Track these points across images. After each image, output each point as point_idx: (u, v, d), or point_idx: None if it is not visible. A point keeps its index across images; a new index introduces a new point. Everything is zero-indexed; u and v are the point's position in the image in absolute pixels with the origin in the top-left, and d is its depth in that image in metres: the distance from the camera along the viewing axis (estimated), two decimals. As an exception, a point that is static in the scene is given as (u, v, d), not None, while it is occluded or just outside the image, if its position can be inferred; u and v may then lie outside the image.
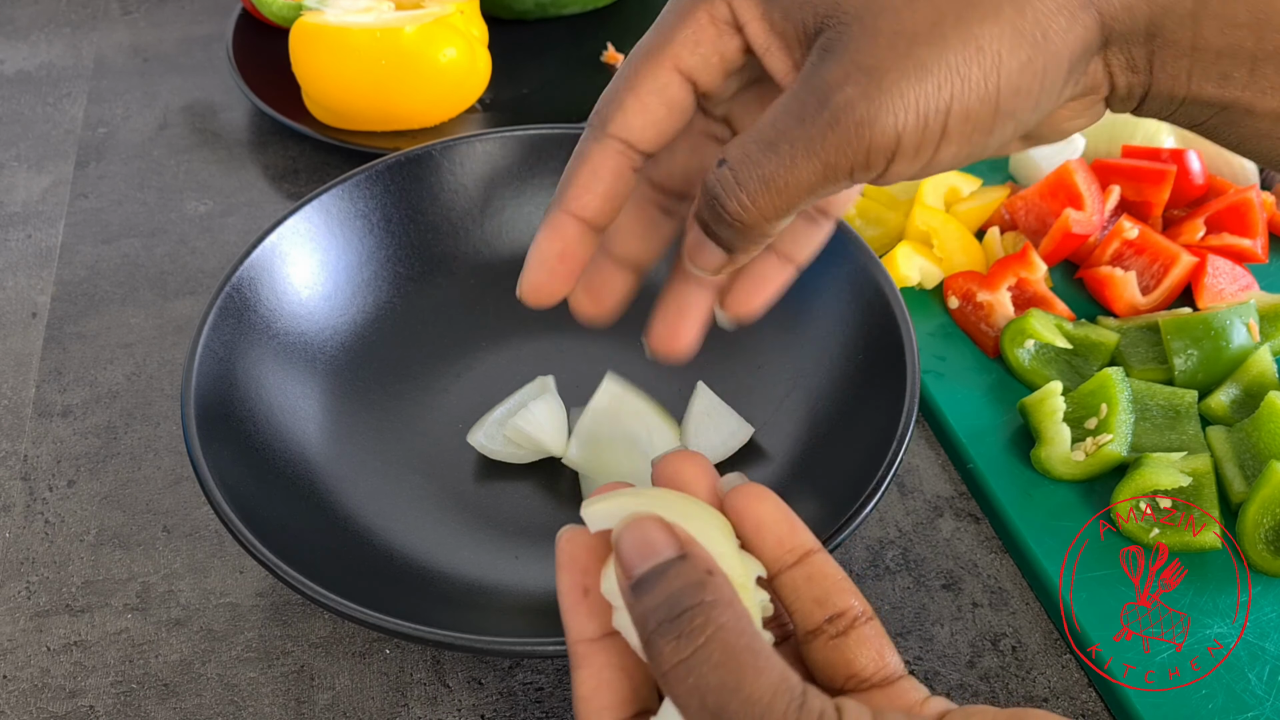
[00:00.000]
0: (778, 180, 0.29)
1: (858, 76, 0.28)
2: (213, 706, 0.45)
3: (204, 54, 0.80)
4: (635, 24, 0.79)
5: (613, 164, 0.33)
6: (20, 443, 0.55)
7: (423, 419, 0.53)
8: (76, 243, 0.65)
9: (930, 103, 0.28)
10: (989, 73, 0.28)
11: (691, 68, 0.32)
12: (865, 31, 0.28)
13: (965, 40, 0.28)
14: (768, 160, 0.29)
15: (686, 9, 0.32)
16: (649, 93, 0.32)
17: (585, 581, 0.32)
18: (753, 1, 0.31)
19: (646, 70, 0.32)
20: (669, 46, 0.32)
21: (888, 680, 0.31)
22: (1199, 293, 0.58)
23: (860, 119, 0.28)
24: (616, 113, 0.33)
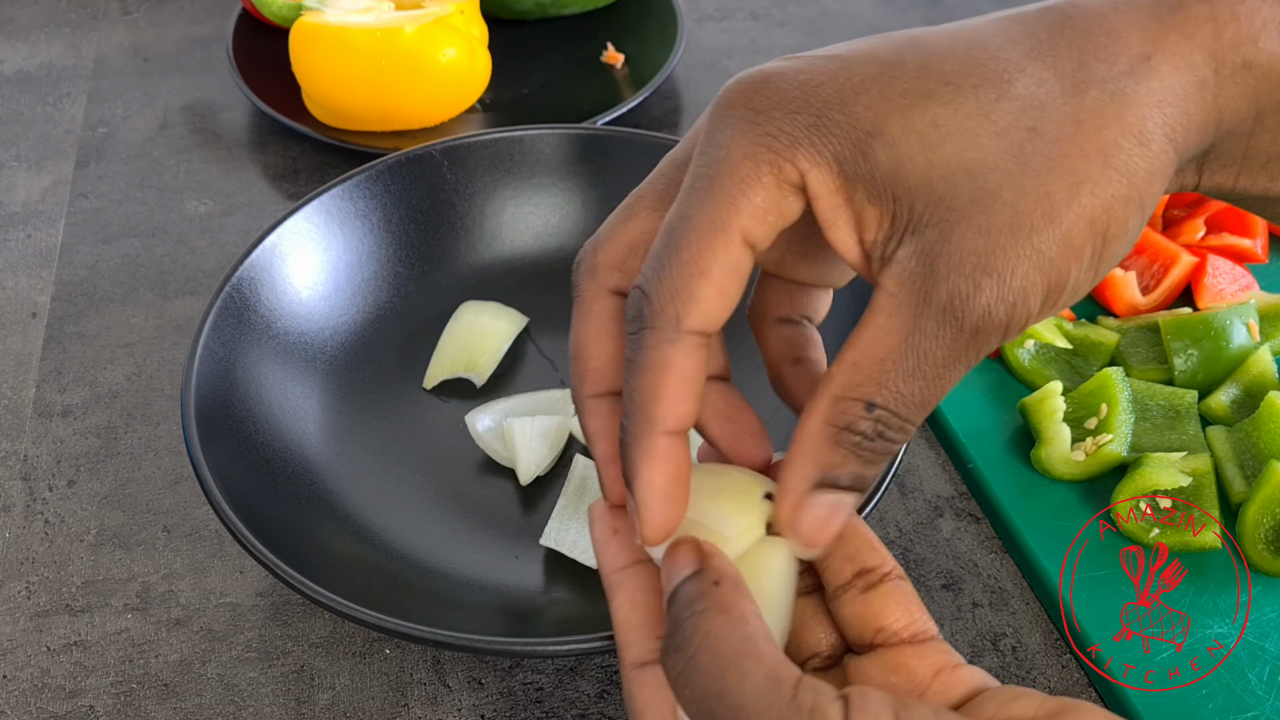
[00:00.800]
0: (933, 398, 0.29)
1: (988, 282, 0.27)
2: (213, 706, 0.45)
3: (204, 54, 0.80)
4: (635, 24, 0.79)
5: (696, 361, 0.29)
6: (20, 443, 0.55)
7: (423, 419, 0.53)
8: (76, 243, 0.65)
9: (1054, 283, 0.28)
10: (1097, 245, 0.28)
11: (757, 238, 0.29)
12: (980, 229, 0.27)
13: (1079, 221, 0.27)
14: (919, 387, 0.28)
15: (749, 174, 0.28)
16: (722, 273, 0.28)
17: (615, 525, 0.32)
18: (828, 175, 0.28)
19: (715, 248, 0.28)
20: (736, 218, 0.28)
21: (917, 638, 0.31)
22: (1199, 293, 0.58)
23: (1001, 321, 0.27)
24: (690, 304, 0.28)
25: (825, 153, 0.28)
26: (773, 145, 0.28)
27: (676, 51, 0.73)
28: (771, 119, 0.28)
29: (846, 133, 0.28)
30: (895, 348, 0.28)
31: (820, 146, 0.28)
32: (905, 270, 0.28)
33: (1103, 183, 0.27)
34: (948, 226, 0.27)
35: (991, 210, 0.27)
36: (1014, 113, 0.27)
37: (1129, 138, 0.27)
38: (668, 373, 0.29)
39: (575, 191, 0.59)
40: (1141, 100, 0.28)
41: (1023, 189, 0.27)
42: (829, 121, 0.28)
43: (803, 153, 0.28)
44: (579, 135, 0.58)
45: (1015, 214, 0.27)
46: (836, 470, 0.29)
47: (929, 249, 0.27)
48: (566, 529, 0.47)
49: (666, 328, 0.29)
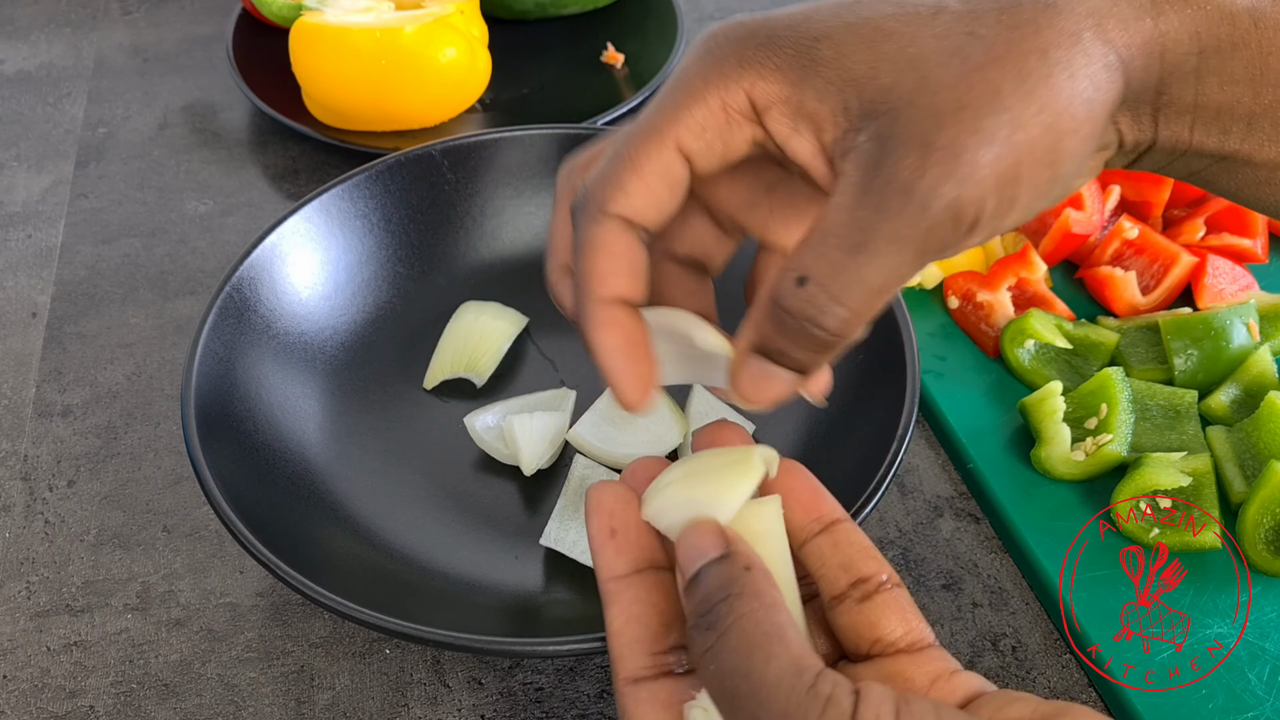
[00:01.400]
0: (873, 280, 0.28)
1: (935, 156, 0.27)
2: (213, 706, 0.45)
3: (204, 54, 0.80)
4: (635, 24, 0.79)
5: (624, 242, 0.32)
6: (20, 443, 0.55)
7: (422, 419, 0.53)
8: (76, 243, 0.65)
9: (1005, 170, 0.28)
10: (1047, 135, 0.28)
11: (694, 151, 0.31)
12: (926, 112, 0.28)
13: (1027, 104, 0.28)
14: (859, 264, 0.28)
15: (697, 90, 0.30)
16: (651, 173, 0.31)
17: (612, 524, 0.32)
18: (776, 84, 0.30)
19: (650, 149, 0.31)
20: (674, 127, 0.31)
21: (915, 647, 0.31)
22: (1199, 293, 0.58)
23: (949, 200, 0.28)
24: (617, 193, 0.31)
25: (770, 65, 0.30)
26: (722, 68, 0.30)
27: (676, 51, 0.73)
28: (729, 45, 0.31)
29: (793, 44, 0.30)
30: (839, 221, 0.28)
31: (766, 60, 0.30)
32: (860, 154, 0.29)
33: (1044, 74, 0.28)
34: (897, 111, 0.28)
35: (936, 94, 0.28)
36: (951, 20, 0.29)
37: (1064, 37, 0.28)
38: (597, 250, 0.32)
39: (575, 191, 0.59)
40: (1073, 9, 0.28)
41: (967, 80, 0.28)
42: (778, 39, 0.30)
43: (749, 71, 0.30)
44: (579, 135, 0.58)
45: (960, 99, 0.28)
46: (770, 345, 0.30)
47: (882, 132, 0.28)
48: (566, 529, 0.47)
49: (595, 210, 0.31)
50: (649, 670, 0.31)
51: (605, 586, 0.32)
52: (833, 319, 0.29)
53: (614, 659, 0.31)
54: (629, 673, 0.31)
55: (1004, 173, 0.28)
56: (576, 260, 0.32)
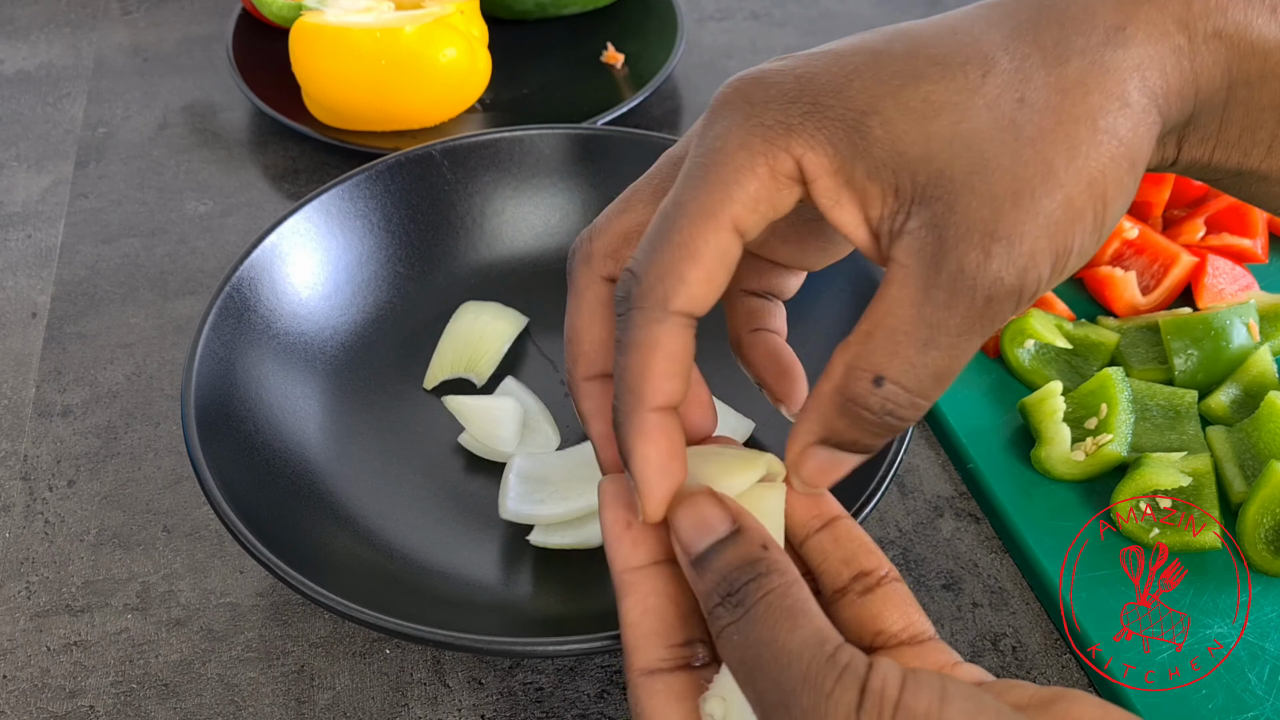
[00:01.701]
0: (945, 370, 0.29)
1: (998, 249, 0.28)
2: (213, 706, 0.45)
3: (204, 54, 0.80)
4: (635, 24, 0.79)
5: (683, 340, 0.30)
6: (20, 443, 0.55)
7: (422, 419, 0.53)
8: (76, 243, 0.65)
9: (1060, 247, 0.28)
10: (1098, 206, 0.29)
11: (748, 227, 0.30)
12: (984, 199, 0.28)
13: (1078, 183, 0.28)
14: (931, 359, 0.29)
15: (745, 163, 0.29)
16: (711, 258, 0.30)
17: (627, 516, 0.32)
18: (826, 157, 0.29)
19: (706, 234, 0.29)
20: (729, 206, 0.29)
21: (915, 639, 0.31)
22: (1199, 293, 0.58)
23: (1013, 286, 0.28)
24: (679, 286, 0.30)
25: (820, 136, 0.29)
26: (767, 135, 0.29)
27: (676, 51, 0.73)
28: (767, 110, 0.29)
29: (841, 115, 0.29)
30: (907, 318, 0.29)
31: (815, 131, 0.29)
32: (915, 241, 0.28)
33: (1095, 145, 0.28)
34: (952, 197, 0.28)
35: (992, 179, 0.28)
36: (1001, 85, 0.28)
37: (1113, 101, 0.28)
38: (656, 351, 0.30)
39: (575, 191, 0.59)
40: (1120, 66, 0.29)
41: (1020, 157, 0.28)
42: (823, 107, 0.29)
43: (797, 140, 0.29)
44: (579, 135, 0.58)
45: (1016, 181, 0.28)
46: (842, 436, 0.31)
47: (937, 220, 0.28)
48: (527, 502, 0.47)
49: (654, 308, 0.30)
50: (666, 663, 0.31)
51: (620, 578, 0.32)
52: (911, 411, 0.30)
53: (628, 650, 0.31)
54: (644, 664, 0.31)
55: (1058, 247, 0.28)
56: (625, 361, 0.30)
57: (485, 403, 0.51)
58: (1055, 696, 0.28)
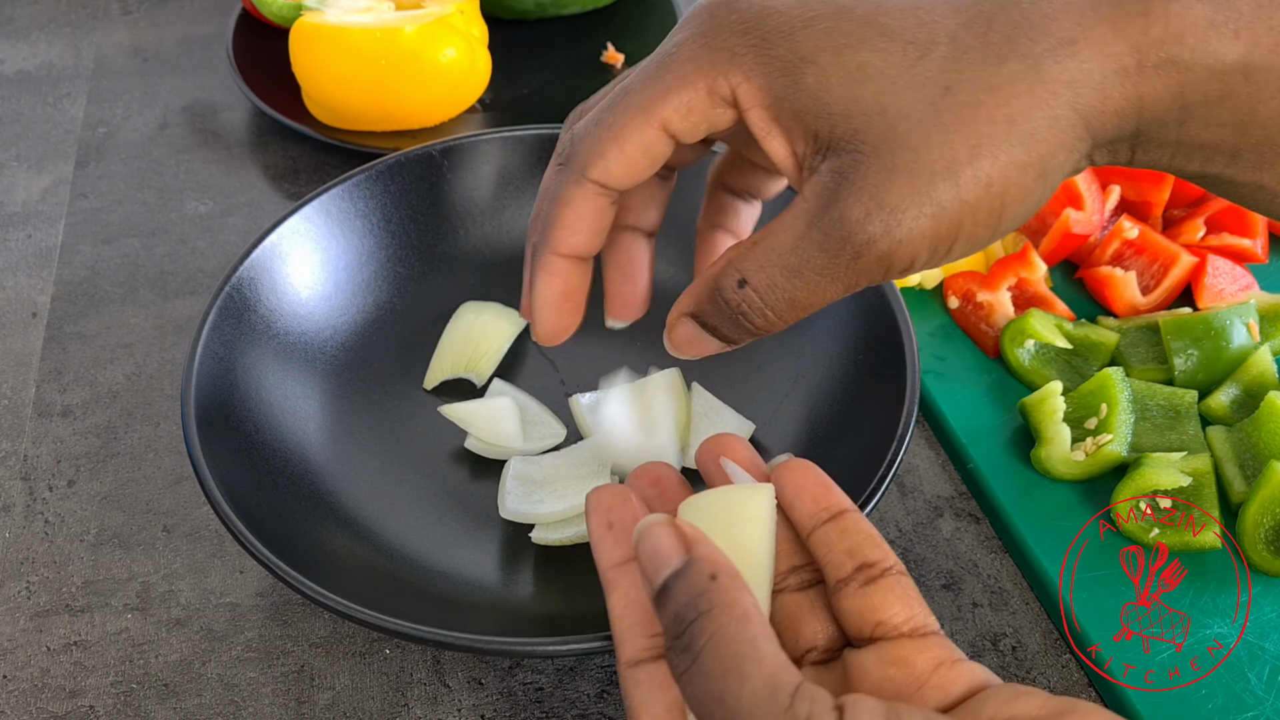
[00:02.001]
0: (802, 300, 0.32)
1: (879, 214, 0.30)
2: (213, 706, 0.45)
3: (204, 54, 0.80)
4: (635, 24, 0.79)
5: (594, 205, 0.35)
6: (20, 443, 0.55)
7: (422, 419, 0.53)
8: (76, 243, 0.65)
9: (943, 233, 0.30)
10: (993, 205, 0.30)
11: (678, 131, 0.33)
12: (884, 167, 0.30)
13: (977, 179, 0.29)
14: (792, 285, 0.32)
15: (687, 75, 0.32)
16: (633, 145, 0.33)
17: (609, 518, 0.34)
18: (758, 91, 0.32)
19: (634, 124, 0.33)
20: (660, 107, 0.33)
21: (917, 632, 0.31)
22: (1199, 293, 0.58)
23: (883, 252, 0.30)
24: (598, 160, 0.34)
25: (758, 71, 0.31)
26: (714, 58, 0.32)
27: (676, 51, 0.73)
28: (721, 33, 0.32)
29: (783, 56, 0.31)
30: (787, 242, 0.31)
31: (755, 65, 0.31)
32: (819, 182, 0.31)
33: (1004, 147, 0.29)
34: (859, 157, 0.30)
35: (897, 152, 0.30)
36: (934, 71, 0.30)
37: (1038, 109, 0.29)
38: (568, 206, 0.35)
39: (575, 191, 0.59)
40: (1055, 78, 0.29)
41: (928, 140, 0.29)
42: (770, 45, 0.31)
43: (737, 69, 0.32)
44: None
45: (916, 160, 0.29)
46: (706, 317, 0.34)
47: (841, 170, 0.30)
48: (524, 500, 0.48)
49: (575, 171, 0.34)
50: (648, 652, 0.32)
51: (605, 575, 0.34)
52: (761, 320, 0.33)
53: (616, 644, 0.32)
54: (629, 656, 0.32)
55: (941, 233, 0.30)
56: (547, 209, 0.35)
57: (483, 405, 0.51)
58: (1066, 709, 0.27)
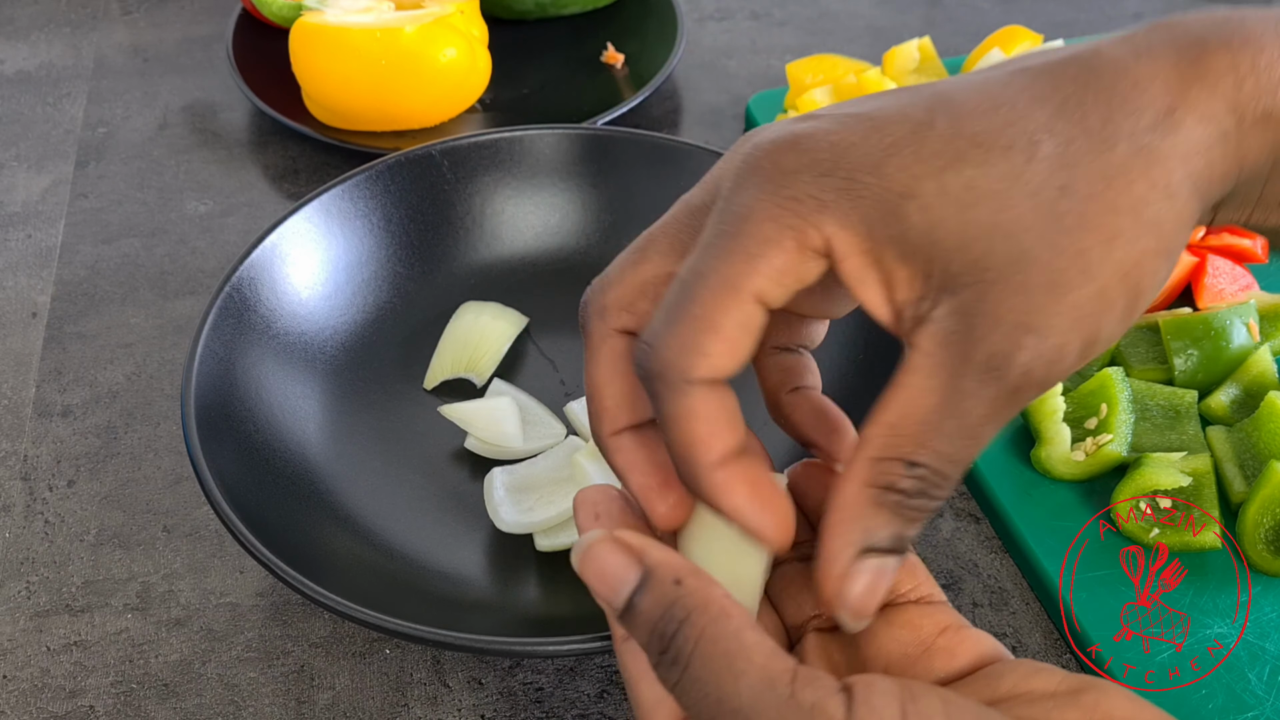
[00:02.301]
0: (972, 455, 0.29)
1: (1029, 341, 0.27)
2: (213, 706, 0.45)
3: (204, 54, 0.80)
4: (635, 24, 0.79)
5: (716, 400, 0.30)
6: (20, 443, 0.55)
7: (422, 419, 0.53)
8: (76, 243, 0.65)
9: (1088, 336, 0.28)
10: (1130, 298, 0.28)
11: (772, 299, 0.29)
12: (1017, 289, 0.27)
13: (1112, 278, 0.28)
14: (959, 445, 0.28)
15: (771, 236, 0.28)
16: (732, 329, 0.29)
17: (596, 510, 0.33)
18: (855, 237, 0.28)
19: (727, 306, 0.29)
20: (751, 280, 0.29)
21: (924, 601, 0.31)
22: (1199, 293, 0.58)
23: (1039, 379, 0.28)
24: (699, 360, 0.29)
25: (854, 216, 0.28)
26: (798, 209, 0.28)
27: (676, 51, 0.73)
28: (799, 181, 0.28)
29: (878, 195, 0.28)
30: (935, 408, 0.28)
31: (849, 210, 0.28)
32: (942, 330, 0.28)
33: (1134, 237, 0.27)
34: (985, 286, 0.27)
35: (1028, 270, 0.27)
36: (1045, 173, 0.27)
37: (1157, 192, 0.27)
38: (692, 420, 0.29)
39: (575, 191, 0.59)
40: (1168, 154, 0.28)
41: (1058, 247, 0.27)
42: (859, 184, 0.28)
43: (829, 217, 0.28)
44: (579, 135, 0.58)
45: (1051, 272, 0.27)
46: (879, 532, 0.29)
47: (967, 309, 0.27)
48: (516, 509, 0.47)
49: (676, 382, 0.29)
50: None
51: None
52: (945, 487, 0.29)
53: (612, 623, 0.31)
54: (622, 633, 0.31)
55: (1088, 338, 0.28)
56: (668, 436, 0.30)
57: (483, 405, 0.51)
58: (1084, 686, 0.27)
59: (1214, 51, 0.28)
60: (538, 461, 0.49)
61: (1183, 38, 0.29)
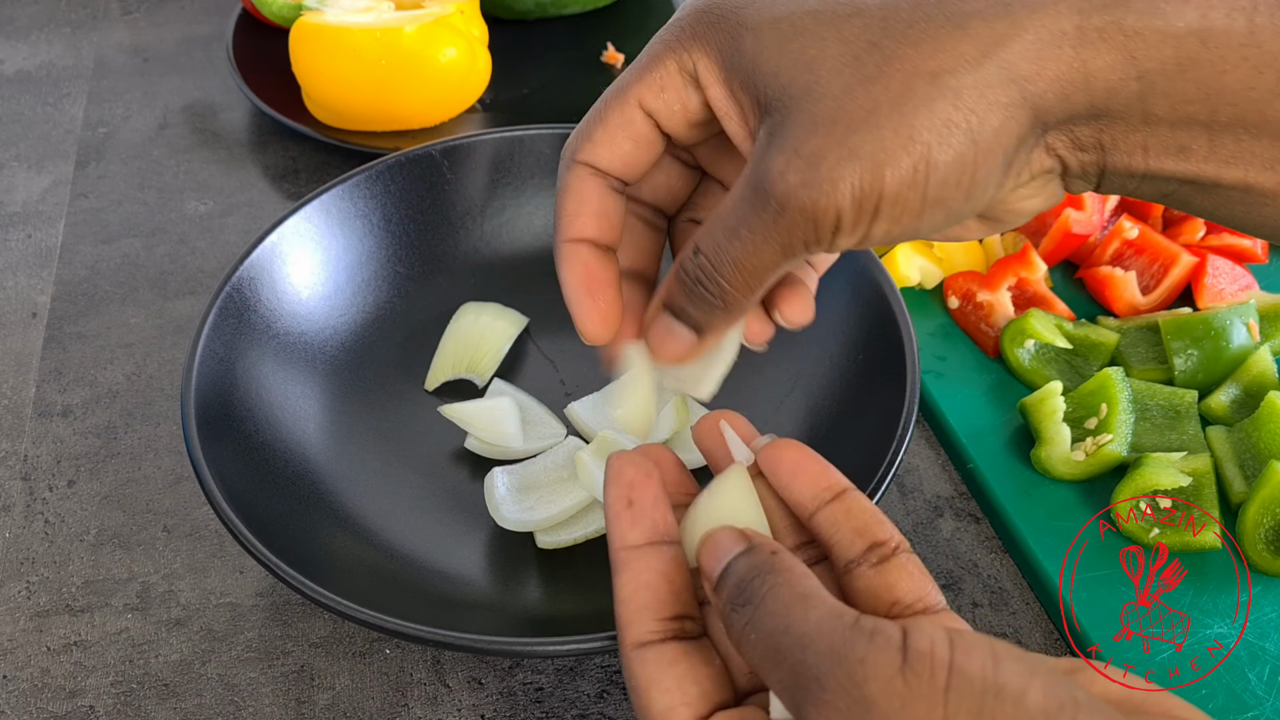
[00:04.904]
0: (745, 262, 0.32)
1: (797, 164, 0.30)
2: (213, 706, 0.45)
3: (204, 54, 0.80)
4: (635, 24, 0.79)
5: (590, 186, 0.35)
6: (20, 443, 0.55)
7: (422, 419, 0.52)
8: (76, 243, 0.65)
9: (863, 187, 0.29)
10: (918, 162, 0.29)
11: (655, 109, 0.34)
12: (805, 118, 0.30)
13: (898, 129, 0.29)
14: (733, 246, 0.32)
15: (658, 54, 0.34)
16: (615, 126, 0.34)
17: (630, 494, 0.34)
18: (714, 65, 0.33)
19: (613, 106, 0.34)
20: (635, 86, 0.34)
21: (929, 610, 0.32)
22: (1199, 293, 0.58)
23: (803, 205, 0.30)
24: (585, 143, 0.35)
25: (713, 46, 0.33)
26: (680, 36, 0.33)
27: (676, 51, 0.73)
28: (690, 16, 0.33)
29: (728, 28, 0.32)
30: (726, 208, 0.32)
31: (710, 40, 0.33)
32: (757, 146, 0.31)
33: (927, 100, 0.29)
34: (786, 113, 0.30)
35: (819, 102, 0.30)
36: (861, 26, 0.30)
37: (963, 64, 0.29)
38: (566, 193, 0.35)
39: (575, 191, 0.59)
40: (983, 35, 0.29)
41: (850, 91, 0.30)
42: (723, 20, 0.32)
43: (698, 44, 0.33)
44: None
45: (837, 110, 0.29)
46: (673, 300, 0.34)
47: (771, 129, 0.31)
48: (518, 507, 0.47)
49: (568, 157, 0.35)
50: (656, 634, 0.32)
51: (617, 555, 0.33)
52: (714, 285, 0.33)
53: (622, 625, 0.32)
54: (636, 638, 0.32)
55: (863, 189, 0.29)
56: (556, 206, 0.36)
57: (483, 405, 0.51)
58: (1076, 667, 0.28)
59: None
60: (538, 461, 0.49)
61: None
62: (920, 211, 0.30)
